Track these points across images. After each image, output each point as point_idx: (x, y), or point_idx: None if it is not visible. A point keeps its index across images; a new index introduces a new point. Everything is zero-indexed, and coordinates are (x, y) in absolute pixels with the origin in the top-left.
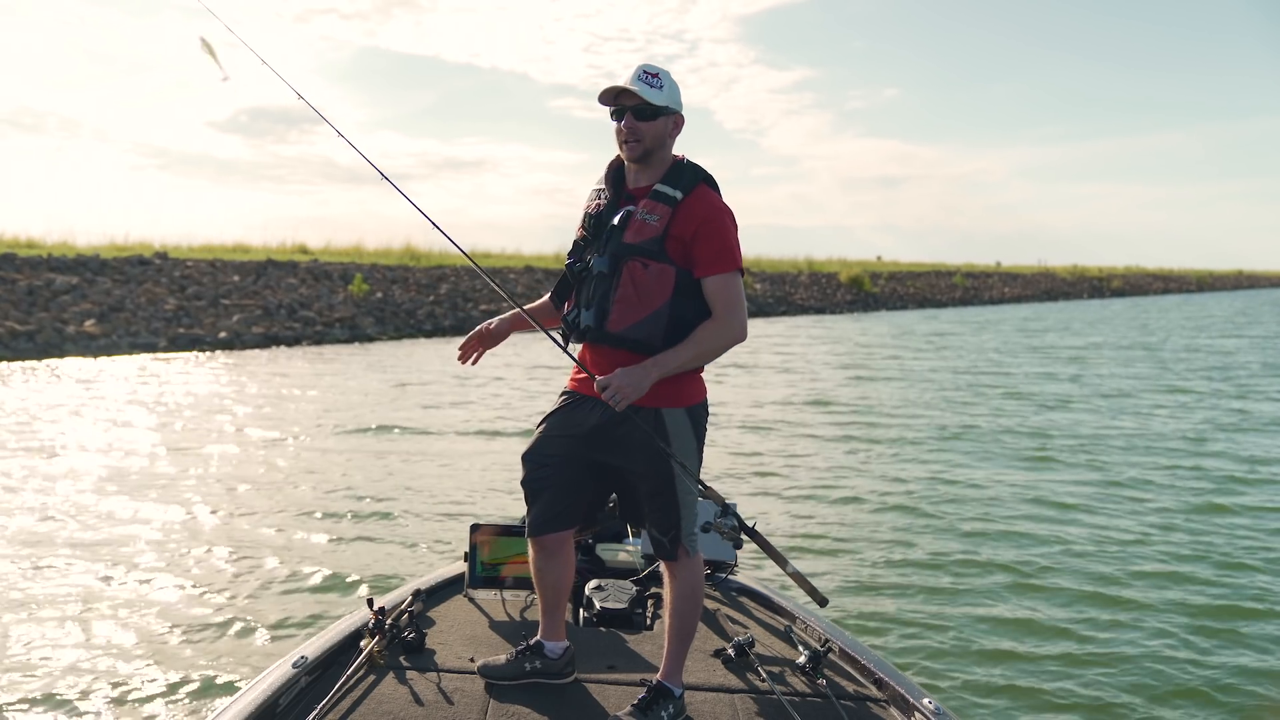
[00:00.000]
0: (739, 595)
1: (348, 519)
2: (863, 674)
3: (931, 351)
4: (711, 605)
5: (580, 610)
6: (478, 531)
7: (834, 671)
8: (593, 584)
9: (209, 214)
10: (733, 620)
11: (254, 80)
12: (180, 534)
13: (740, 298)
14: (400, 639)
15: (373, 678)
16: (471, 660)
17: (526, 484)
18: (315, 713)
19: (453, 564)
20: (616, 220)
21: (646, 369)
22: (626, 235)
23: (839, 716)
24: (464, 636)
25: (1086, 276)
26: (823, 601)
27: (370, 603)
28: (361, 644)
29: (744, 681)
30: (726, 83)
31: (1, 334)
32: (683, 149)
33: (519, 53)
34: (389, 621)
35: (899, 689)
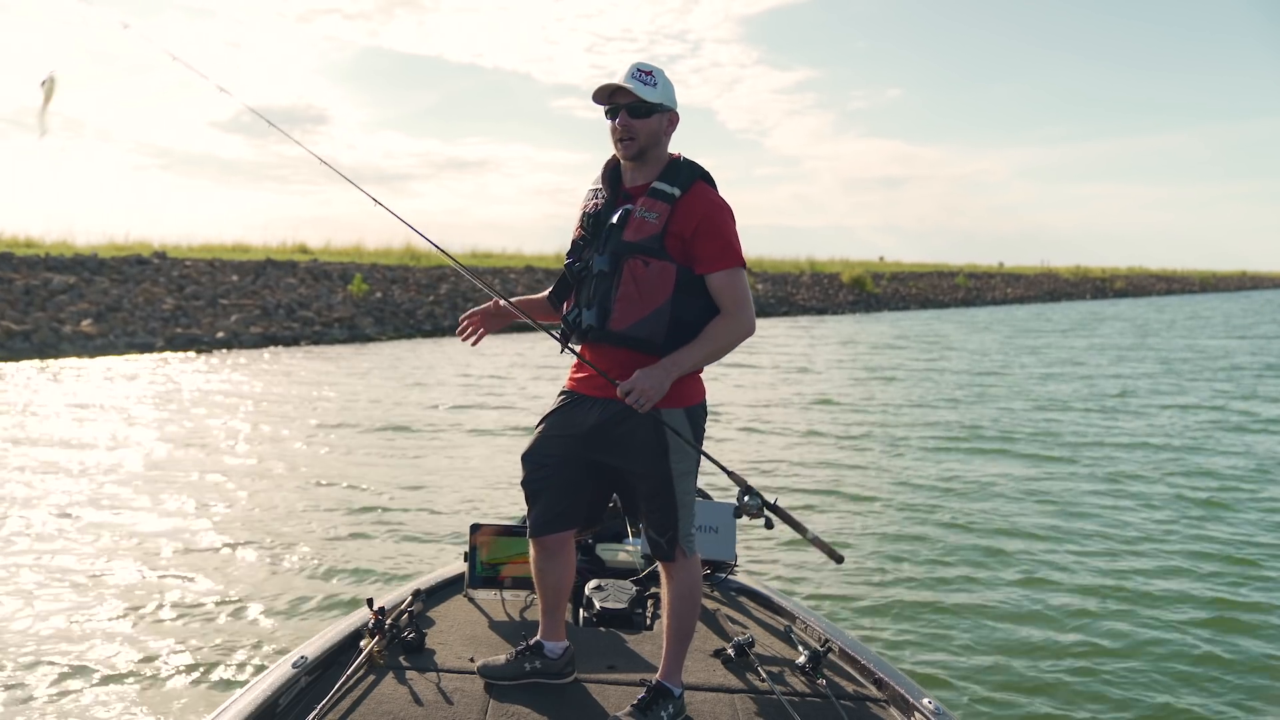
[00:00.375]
0: (739, 595)
1: (347, 519)
2: (863, 674)
3: (934, 352)
4: (711, 605)
5: (580, 610)
6: (478, 532)
7: (834, 671)
8: (593, 584)
9: (212, 214)
10: (732, 620)
11: (254, 81)
12: (179, 534)
13: (747, 292)
14: (400, 639)
15: (373, 678)
16: (471, 660)
17: (526, 485)
18: (315, 713)
19: (453, 564)
20: (615, 219)
21: (666, 369)
22: (626, 233)
23: (839, 716)
24: (464, 636)
25: (1089, 277)
26: (839, 558)
27: (370, 603)
28: (361, 644)
29: (744, 681)
30: (729, 83)
31: None
32: (685, 149)
33: (522, 53)
34: (389, 621)
35: (899, 689)
